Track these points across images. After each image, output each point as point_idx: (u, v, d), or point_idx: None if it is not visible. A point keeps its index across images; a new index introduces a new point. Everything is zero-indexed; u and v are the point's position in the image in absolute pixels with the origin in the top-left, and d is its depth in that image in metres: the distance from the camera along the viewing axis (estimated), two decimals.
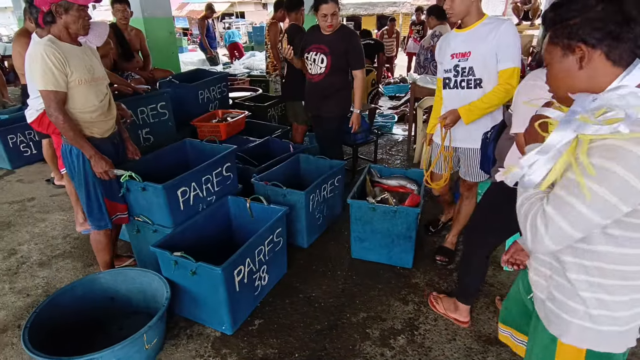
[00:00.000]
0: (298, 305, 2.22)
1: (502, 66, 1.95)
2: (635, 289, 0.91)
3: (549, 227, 0.86)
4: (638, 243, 0.86)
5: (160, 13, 4.77)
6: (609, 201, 0.79)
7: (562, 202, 0.84)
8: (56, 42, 1.84)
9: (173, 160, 2.64)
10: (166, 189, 2.12)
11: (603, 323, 0.94)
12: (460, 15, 1.99)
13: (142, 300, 2.06)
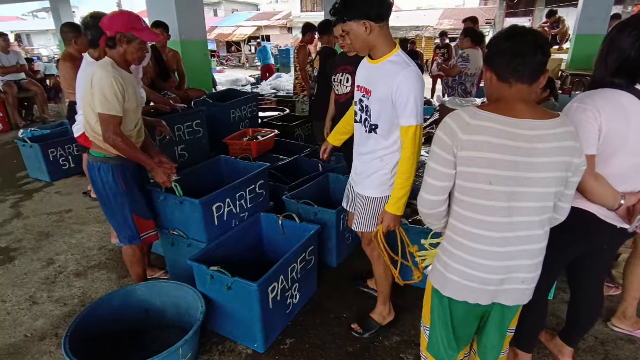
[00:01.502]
0: (329, 325, 2.19)
1: (401, 122, 1.65)
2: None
3: None
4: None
5: (196, 36, 4.99)
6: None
7: None
8: (117, 68, 1.93)
9: (208, 177, 2.70)
10: (202, 204, 2.16)
11: None
12: (362, 51, 1.70)
13: (176, 313, 2.08)
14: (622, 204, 1.36)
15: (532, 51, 1.10)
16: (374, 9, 1.56)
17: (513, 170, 1.13)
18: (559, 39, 7.62)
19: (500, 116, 1.14)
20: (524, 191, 1.14)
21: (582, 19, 6.44)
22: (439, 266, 1.31)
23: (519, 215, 1.17)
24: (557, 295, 2.36)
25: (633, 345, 2.01)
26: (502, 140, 1.12)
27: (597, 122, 1.32)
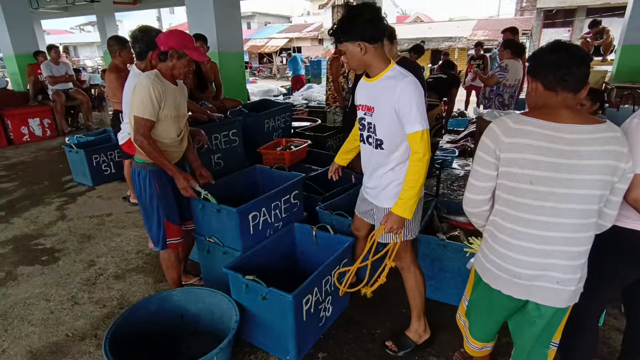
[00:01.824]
0: (362, 341, 2.14)
1: (408, 130, 1.68)
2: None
3: None
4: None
5: (233, 48, 5.14)
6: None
7: None
8: (160, 78, 2.06)
9: (243, 185, 2.74)
10: (240, 213, 2.18)
11: None
12: (358, 69, 1.77)
13: (210, 320, 2.09)
14: None
15: (577, 63, 1.21)
16: (368, 32, 1.65)
17: (554, 172, 1.21)
18: (602, 50, 7.29)
19: (542, 121, 1.24)
20: (566, 192, 1.21)
21: (630, 29, 6.14)
22: (479, 255, 1.46)
23: (561, 217, 1.23)
24: (607, 322, 2.20)
25: None
26: (543, 142, 1.21)
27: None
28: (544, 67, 1.26)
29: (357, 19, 1.65)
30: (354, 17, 1.66)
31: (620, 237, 1.42)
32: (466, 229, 2.53)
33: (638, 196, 1.28)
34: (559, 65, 1.22)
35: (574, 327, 1.65)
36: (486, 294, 1.45)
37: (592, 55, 7.37)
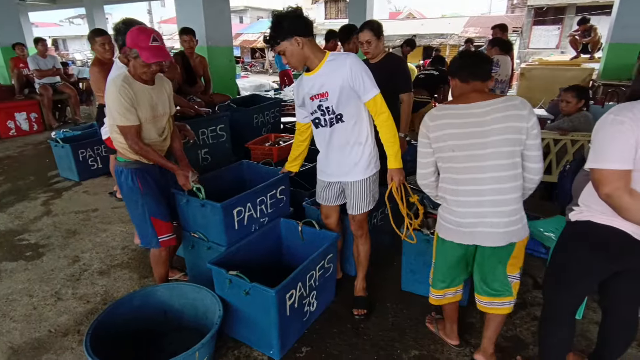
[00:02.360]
0: (346, 335, 2.15)
1: (365, 98, 1.92)
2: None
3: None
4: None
5: (222, 42, 5.10)
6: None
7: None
8: (129, 82, 1.98)
9: (230, 180, 2.73)
10: (224, 208, 2.18)
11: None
12: (299, 65, 1.93)
13: (194, 316, 2.09)
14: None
15: (480, 62, 1.71)
16: (300, 27, 1.83)
17: (470, 139, 1.58)
18: (590, 47, 7.37)
19: (456, 104, 1.66)
20: (482, 153, 1.57)
21: (616, 27, 6.21)
22: (438, 216, 1.78)
23: (484, 173, 1.57)
24: (586, 315, 2.24)
25: None
26: (458, 119, 1.61)
27: (634, 135, 1.26)
28: (459, 67, 1.71)
29: (286, 18, 1.82)
30: (283, 17, 1.83)
31: (595, 233, 1.44)
32: None
33: (610, 192, 1.30)
34: (469, 65, 1.69)
35: (551, 321, 1.69)
36: (444, 247, 1.79)
37: (580, 53, 7.46)
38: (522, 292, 2.48)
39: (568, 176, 1.95)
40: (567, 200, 1.93)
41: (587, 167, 1.38)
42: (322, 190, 2.28)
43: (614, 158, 1.29)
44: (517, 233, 1.62)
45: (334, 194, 2.25)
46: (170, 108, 2.24)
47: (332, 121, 2.01)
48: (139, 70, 1.99)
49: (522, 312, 2.32)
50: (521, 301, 2.41)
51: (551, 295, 1.69)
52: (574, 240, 1.55)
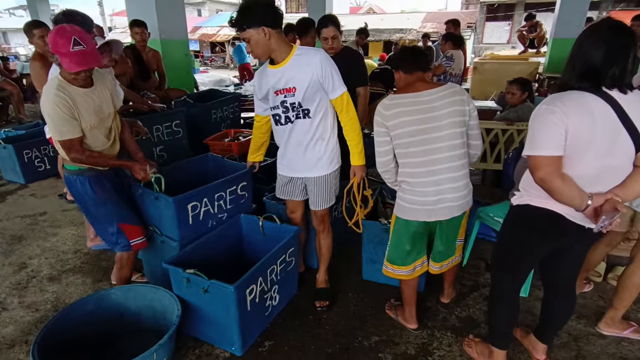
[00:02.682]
0: (309, 326, 2.18)
1: (333, 96, 1.93)
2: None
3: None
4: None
5: (177, 35, 4.93)
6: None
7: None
8: (64, 88, 1.81)
9: (193, 174, 2.65)
10: (177, 202, 2.11)
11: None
12: (264, 56, 1.88)
13: (152, 317, 2.03)
14: (590, 204, 1.38)
15: (419, 54, 1.90)
16: (270, 17, 1.77)
17: (424, 124, 1.73)
18: (536, 42, 7.79)
19: (406, 94, 1.79)
20: (437, 136, 1.73)
21: (559, 23, 6.62)
22: (397, 202, 1.89)
23: (439, 154, 1.74)
24: (532, 292, 2.41)
25: (604, 341, 2.06)
26: (410, 107, 1.74)
27: (564, 123, 1.33)
28: (402, 60, 1.89)
29: (257, 5, 1.74)
30: (253, 3, 1.75)
31: (532, 215, 1.54)
32: None
33: (543, 176, 1.38)
34: (411, 57, 1.87)
35: (498, 300, 1.80)
36: (405, 228, 1.90)
37: (528, 48, 7.87)
38: (474, 275, 2.63)
39: (511, 163, 2.08)
40: (511, 186, 2.05)
41: (524, 154, 1.46)
42: (284, 186, 2.26)
43: (546, 145, 1.37)
44: (468, 203, 1.87)
45: (297, 190, 2.23)
46: (115, 105, 2.08)
47: (297, 116, 1.97)
48: (67, 77, 1.83)
49: (474, 293, 2.45)
50: (473, 283, 2.55)
51: (497, 276, 1.80)
52: (515, 222, 1.66)
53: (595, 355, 1.97)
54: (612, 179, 1.41)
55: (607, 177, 1.41)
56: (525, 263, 1.69)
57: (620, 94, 1.34)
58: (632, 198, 1.43)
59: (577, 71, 1.39)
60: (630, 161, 1.39)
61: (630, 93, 1.35)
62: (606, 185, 1.42)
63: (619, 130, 1.33)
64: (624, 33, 1.33)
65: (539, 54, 7.63)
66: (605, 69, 1.33)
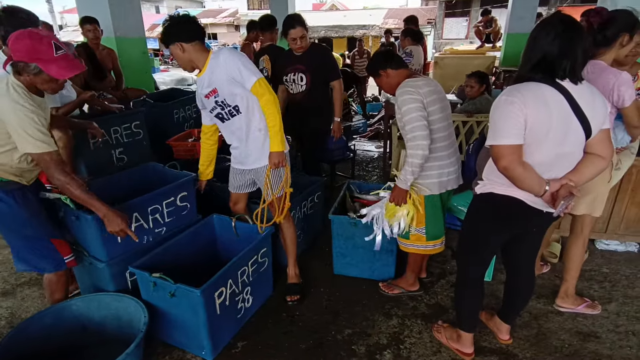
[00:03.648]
0: (282, 324, 2.17)
1: (248, 86, 1.99)
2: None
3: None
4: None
5: (133, 33, 4.73)
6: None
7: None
8: (28, 96, 1.62)
9: (134, 185, 2.46)
10: (98, 220, 1.86)
11: None
12: (187, 67, 2.06)
13: (117, 327, 1.95)
14: (547, 190, 1.45)
15: (396, 54, 2.20)
16: (183, 33, 1.95)
17: (443, 102, 2.01)
18: (492, 37, 8.11)
19: (416, 78, 2.04)
20: (449, 113, 2.06)
21: (512, 19, 6.91)
22: (424, 183, 2.07)
23: (452, 131, 2.11)
24: (495, 276, 2.52)
25: (561, 317, 2.19)
26: (433, 86, 2.01)
27: (523, 113, 1.39)
28: (390, 59, 2.10)
29: (171, 25, 1.96)
30: (169, 23, 1.97)
31: (496, 202, 1.61)
32: None
33: (506, 164, 1.44)
34: (393, 55, 2.14)
35: (463, 285, 1.87)
36: (435, 202, 2.11)
37: (484, 43, 8.18)
38: (441, 263, 2.71)
39: (472, 155, 2.15)
40: (473, 176, 2.13)
41: (487, 144, 1.52)
42: (235, 177, 2.34)
43: (507, 134, 1.42)
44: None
45: (246, 182, 2.34)
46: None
47: (231, 113, 2.10)
48: (43, 86, 1.67)
49: (442, 281, 2.53)
50: (441, 271, 2.63)
51: (462, 262, 1.87)
52: (478, 210, 1.72)
53: (554, 331, 2.09)
54: (565, 165, 1.49)
55: (562, 163, 1.49)
56: (490, 248, 1.77)
57: (572, 85, 1.41)
58: (584, 182, 1.52)
59: (532, 63, 1.45)
60: (581, 148, 1.48)
61: (580, 84, 1.43)
62: (561, 171, 1.49)
63: (571, 119, 1.41)
64: (574, 27, 1.40)
65: (495, 49, 7.95)
66: (558, 61, 1.40)
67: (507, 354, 1.95)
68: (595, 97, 1.45)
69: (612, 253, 2.82)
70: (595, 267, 2.64)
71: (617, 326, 2.12)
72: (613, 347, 1.99)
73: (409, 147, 1.92)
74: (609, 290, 2.42)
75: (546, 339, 2.05)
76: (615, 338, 2.04)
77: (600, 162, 1.49)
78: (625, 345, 2.00)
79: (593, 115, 1.42)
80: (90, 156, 2.84)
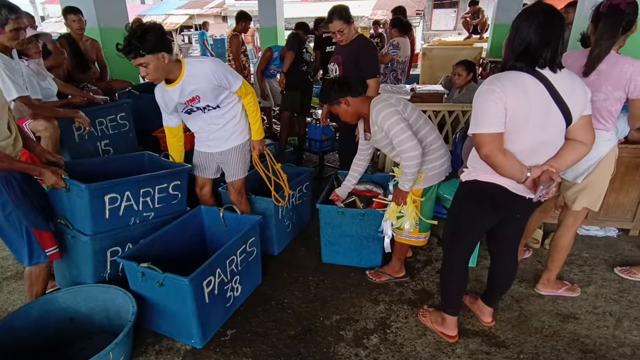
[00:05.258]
0: (271, 312, 2.20)
1: (234, 90, 2.19)
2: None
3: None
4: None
5: (117, 24, 4.64)
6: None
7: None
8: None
9: (126, 170, 2.41)
10: (91, 191, 1.92)
11: None
12: (160, 79, 2.03)
13: (105, 318, 1.96)
14: (529, 176, 1.49)
15: (351, 82, 2.24)
16: (166, 43, 1.94)
17: (414, 107, 2.13)
18: (479, 28, 8.15)
19: (379, 97, 2.15)
20: (424, 116, 2.15)
21: (499, 10, 6.96)
22: (422, 179, 2.12)
23: (434, 126, 2.17)
24: (479, 262, 2.58)
25: (542, 300, 2.26)
26: (398, 99, 2.13)
27: (502, 101, 1.42)
28: (342, 87, 2.16)
29: (153, 32, 1.88)
30: (150, 30, 1.87)
31: (480, 189, 1.64)
32: (362, 195, 2.71)
33: (487, 152, 1.48)
34: (348, 82, 2.22)
35: (449, 270, 1.91)
36: (431, 193, 2.19)
37: (472, 34, 8.22)
38: (427, 250, 2.76)
39: (458, 143, 2.18)
40: (459, 164, 2.17)
41: (469, 132, 1.55)
42: (201, 161, 2.45)
43: (488, 123, 1.45)
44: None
45: (213, 166, 2.45)
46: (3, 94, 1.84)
47: (207, 109, 2.20)
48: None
49: (428, 267, 2.58)
50: (427, 258, 2.68)
51: (449, 248, 1.91)
52: (464, 197, 1.76)
53: (535, 313, 2.16)
54: (546, 152, 1.53)
55: (543, 150, 1.52)
56: (475, 234, 1.81)
57: (551, 73, 1.44)
58: (565, 168, 1.56)
59: (514, 52, 1.47)
60: (562, 135, 1.52)
61: (559, 72, 1.45)
62: (542, 158, 1.53)
63: (551, 106, 1.44)
64: (555, 17, 1.43)
65: (482, 40, 8.00)
66: (539, 50, 1.42)
67: (489, 336, 2.01)
68: (576, 84, 1.48)
69: (592, 238, 2.90)
70: (576, 252, 2.72)
71: (595, 307, 2.20)
72: (591, 327, 2.06)
73: (402, 160, 2.01)
74: (588, 273, 2.50)
75: (527, 320, 2.11)
76: (594, 319, 2.12)
77: (581, 148, 1.53)
78: (602, 325, 2.08)
79: (573, 102, 1.45)
80: (76, 148, 2.82)
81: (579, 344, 1.96)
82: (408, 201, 2.15)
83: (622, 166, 2.71)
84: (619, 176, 2.74)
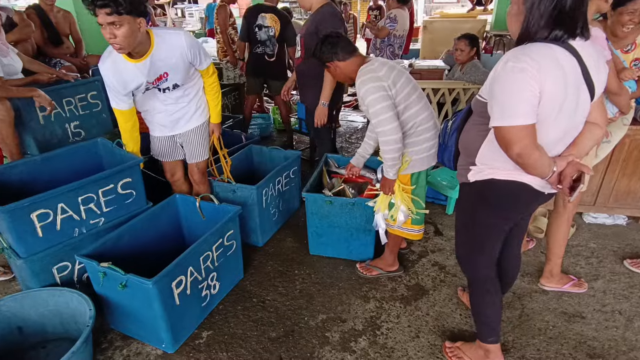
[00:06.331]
0: (251, 311, 2.03)
1: (201, 68, 2.09)
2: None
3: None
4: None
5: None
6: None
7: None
8: None
9: (78, 166, 2.22)
10: (9, 213, 1.66)
11: None
12: (129, 47, 1.74)
13: (59, 324, 1.78)
14: (555, 171, 1.23)
15: (339, 43, 1.91)
16: (144, 9, 1.72)
17: (409, 79, 1.88)
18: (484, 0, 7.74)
19: (370, 62, 1.86)
20: (419, 90, 1.91)
21: None
22: (406, 158, 1.91)
23: (428, 103, 1.94)
24: None
25: (546, 297, 2.09)
26: (391, 67, 1.86)
27: (537, 82, 1.12)
28: (329, 49, 1.89)
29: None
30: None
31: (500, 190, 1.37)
32: (353, 181, 2.50)
33: (521, 150, 1.16)
34: (336, 43, 1.89)
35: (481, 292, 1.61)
36: (421, 180, 1.98)
37: (476, 5, 7.81)
38: (422, 240, 2.57)
39: (452, 133, 1.75)
40: (454, 158, 1.68)
41: (492, 124, 1.21)
42: (162, 146, 2.28)
43: (521, 112, 1.14)
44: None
45: (177, 148, 2.30)
46: None
47: (168, 88, 2.04)
48: None
49: (423, 259, 2.40)
50: (422, 249, 2.49)
51: (472, 267, 1.60)
52: (482, 203, 1.45)
53: (538, 312, 1.99)
54: (570, 139, 1.28)
55: (568, 137, 1.28)
56: (497, 242, 1.53)
57: (581, 43, 1.17)
58: (584, 155, 1.33)
59: (545, 17, 1.15)
60: (585, 117, 1.27)
61: (584, 43, 1.18)
62: (564, 146, 1.29)
63: (581, 86, 1.18)
64: None
65: (486, 12, 7.60)
66: (576, 12, 1.13)
67: None
68: (599, 54, 1.22)
69: (600, 226, 2.71)
70: (583, 242, 2.54)
71: (603, 305, 2.03)
72: (599, 328, 1.89)
73: (380, 143, 1.81)
74: (595, 266, 2.32)
75: (530, 320, 1.95)
76: (602, 318, 1.95)
77: (598, 131, 1.31)
78: (611, 325, 1.91)
79: (598, 78, 1.21)
80: (41, 131, 2.58)
81: (586, 347, 1.80)
82: (396, 189, 1.94)
83: (636, 150, 2.49)
84: (632, 160, 2.52)
